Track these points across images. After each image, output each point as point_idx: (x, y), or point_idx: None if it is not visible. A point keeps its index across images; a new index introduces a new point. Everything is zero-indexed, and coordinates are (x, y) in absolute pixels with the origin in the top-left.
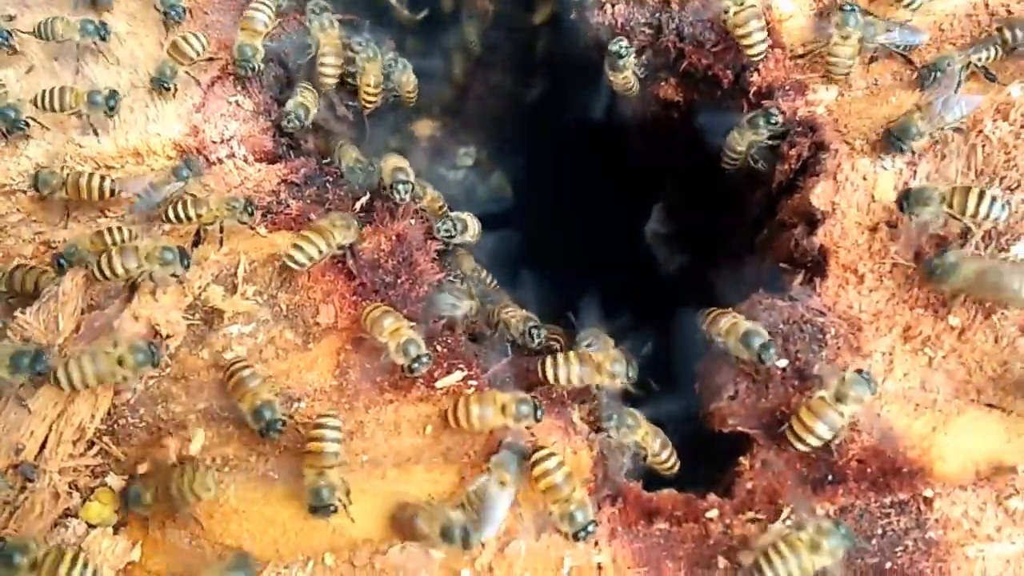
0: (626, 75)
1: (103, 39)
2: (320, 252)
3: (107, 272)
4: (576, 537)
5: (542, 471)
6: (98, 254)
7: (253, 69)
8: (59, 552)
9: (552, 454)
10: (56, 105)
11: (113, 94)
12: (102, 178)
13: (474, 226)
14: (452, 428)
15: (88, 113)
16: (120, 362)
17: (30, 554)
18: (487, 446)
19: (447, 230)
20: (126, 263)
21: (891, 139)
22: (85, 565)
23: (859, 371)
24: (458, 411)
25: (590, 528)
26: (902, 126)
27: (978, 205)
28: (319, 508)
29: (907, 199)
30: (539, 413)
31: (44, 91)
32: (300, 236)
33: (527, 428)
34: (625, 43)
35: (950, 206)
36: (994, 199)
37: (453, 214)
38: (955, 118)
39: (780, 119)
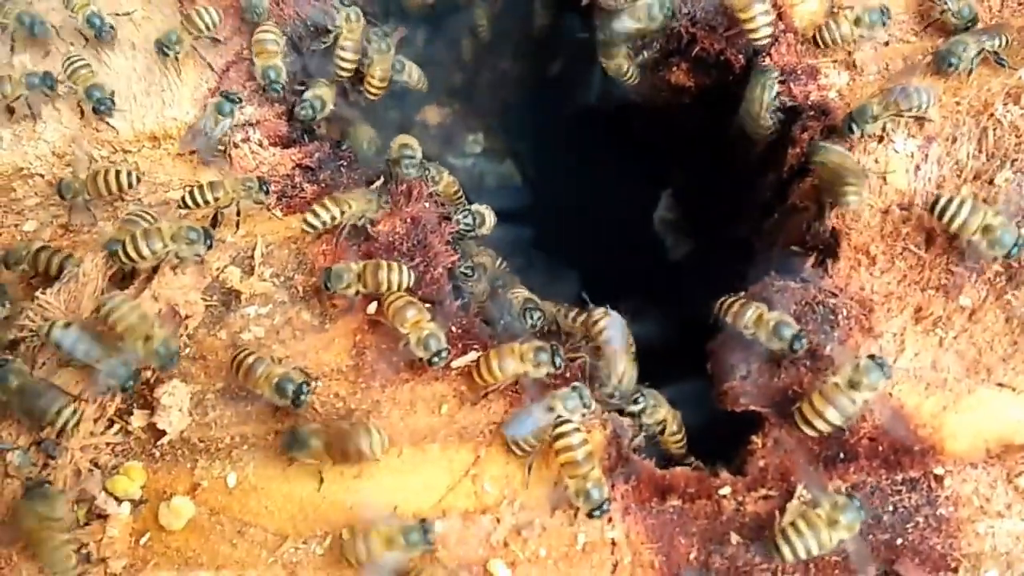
0: (618, 61)
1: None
2: (334, 218)
3: (133, 255)
4: (591, 515)
5: (565, 445)
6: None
7: (283, 87)
8: None
9: (577, 429)
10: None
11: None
12: (117, 172)
13: (490, 219)
14: (479, 385)
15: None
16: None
17: None
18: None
19: (467, 224)
20: (152, 245)
21: (847, 121)
22: None
23: (872, 357)
24: (481, 367)
25: (605, 507)
26: (859, 109)
27: None
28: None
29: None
30: (557, 360)
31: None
32: (319, 203)
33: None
34: (614, 32)
35: None
36: None
37: (473, 207)
38: (911, 106)
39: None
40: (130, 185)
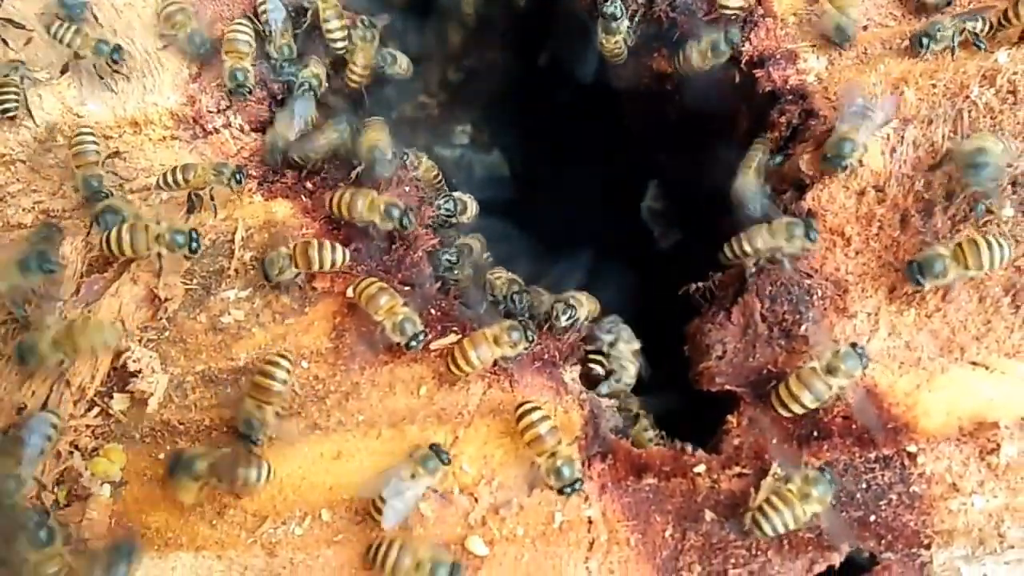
0: (618, 39)
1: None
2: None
3: (115, 249)
4: (562, 492)
5: (527, 423)
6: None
7: (249, 91)
8: None
9: (536, 408)
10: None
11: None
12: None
13: (472, 207)
14: (456, 376)
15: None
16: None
17: None
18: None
19: (448, 209)
20: (136, 243)
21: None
22: None
23: (854, 345)
24: (457, 359)
25: (576, 485)
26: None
27: None
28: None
29: None
30: (530, 335)
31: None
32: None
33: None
34: (620, 4)
35: None
36: None
37: (455, 194)
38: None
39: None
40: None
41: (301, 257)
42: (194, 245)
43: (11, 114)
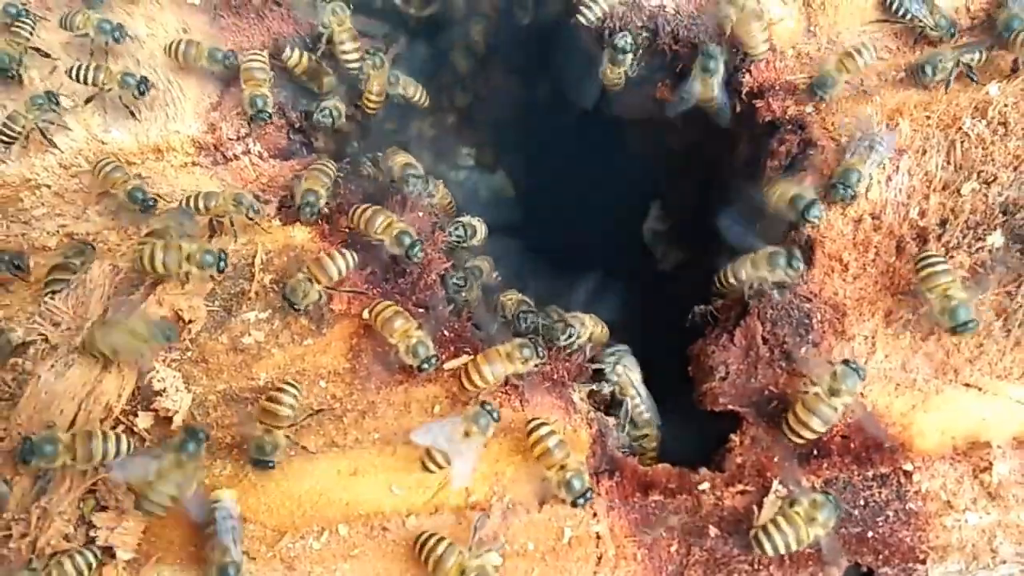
0: (621, 71)
1: (117, 41)
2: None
3: (147, 266)
4: (575, 504)
5: (536, 438)
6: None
7: (269, 116)
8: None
9: (544, 423)
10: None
11: (144, 80)
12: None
13: (482, 231)
14: (470, 392)
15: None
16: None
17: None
18: None
19: (459, 236)
20: (168, 262)
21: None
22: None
23: (846, 362)
24: (472, 375)
25: (588, 495)
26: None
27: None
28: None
29: None
30: (540, 351)
31: (81, 64)
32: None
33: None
34: (630, 39)
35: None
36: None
37: (464, 219)
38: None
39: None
40: None
41: (318, 271)
42: (221, 264)
43: (5, 142)
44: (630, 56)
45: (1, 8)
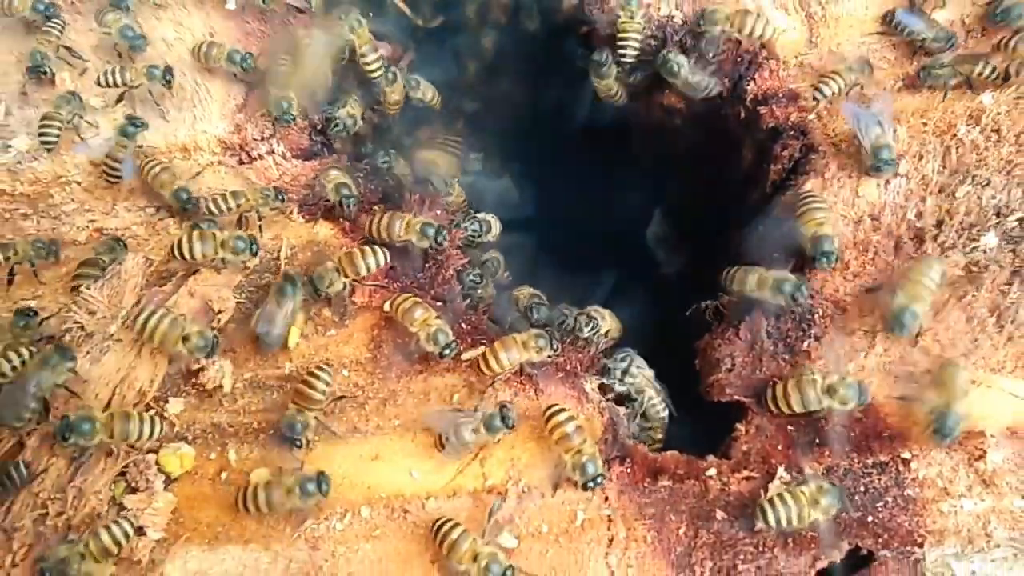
0: (608, 82)
1: (136, 49)
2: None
3: (187, 255)
4: (586, 487)
5: (555, 423)
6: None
7: (293, 118)
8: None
9: (563, 409)
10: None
11: (169, 69)
12: None
13: (496, 226)
14: (487, 376)
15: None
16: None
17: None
18: None
19: (474, 230)
20: (205, 249)
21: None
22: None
23: (860, 382)
24: (488, 360)
25: (599, 480)
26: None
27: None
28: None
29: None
30: (554, 343)
31: (107, 70)
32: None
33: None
34: (607, 53)
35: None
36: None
37: (480, 215)
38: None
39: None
40: None
41: (348, 266)
42: (254, 248)
43: (50, 147)
44: (613, 68)
45: (30, 5)
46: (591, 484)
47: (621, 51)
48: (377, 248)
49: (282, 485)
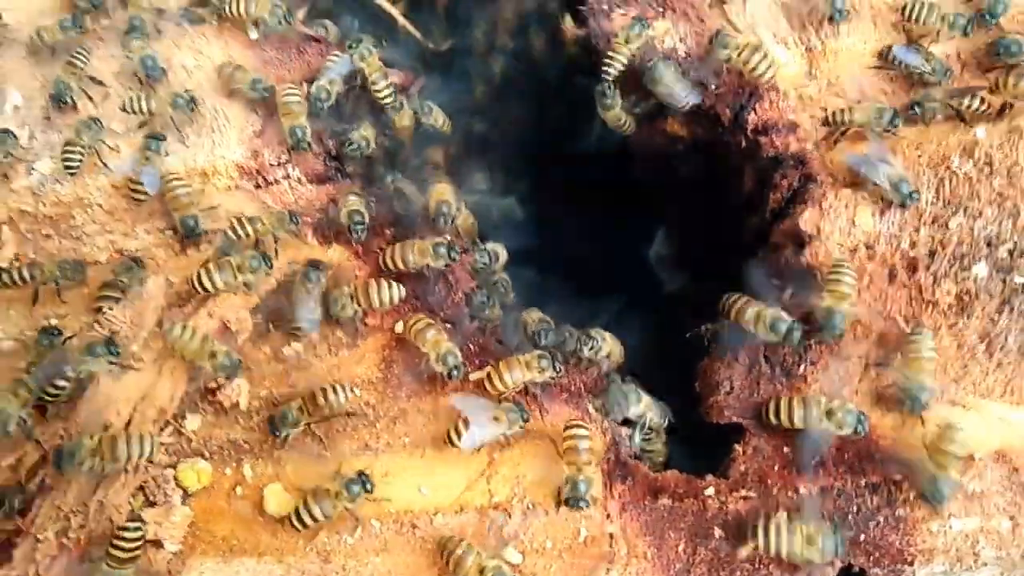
0: (615, 112)
1: (153, 79)
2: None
3: (208, 286)
4: (567, 503)
5: (571, 435)
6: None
7: (309, 145)
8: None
9: (584, 427)
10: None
11: (193, 99)
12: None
13: (503, 255)
14: (492, 395)
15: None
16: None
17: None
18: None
19: (483, 263)
20: (224, 277)
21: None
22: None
23: (862, 414)
24: (493, 379)
25: (583, 503)
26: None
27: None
28: (572, 500)
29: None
30: (557, 364)
31: (131, 96)
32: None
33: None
34: (609, 85)
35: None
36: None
37: (488, 246)
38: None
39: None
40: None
41: (363, 296)
42: (268, 261)
43: (73, 172)
44: (617, 100)
45: (57, 24)
46: (572, 502)
47: (605, 67)
48: (393, 284)
49: (328, 493)
